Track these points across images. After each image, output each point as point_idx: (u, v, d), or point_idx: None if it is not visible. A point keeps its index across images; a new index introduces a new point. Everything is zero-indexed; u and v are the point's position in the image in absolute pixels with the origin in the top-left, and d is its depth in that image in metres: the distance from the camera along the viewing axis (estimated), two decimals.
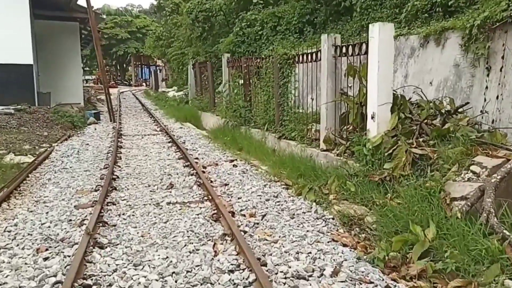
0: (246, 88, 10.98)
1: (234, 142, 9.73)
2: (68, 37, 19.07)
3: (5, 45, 13.42)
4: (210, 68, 15.32)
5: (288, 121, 8.69)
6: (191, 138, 11.37)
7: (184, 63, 28.84)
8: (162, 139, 11.18)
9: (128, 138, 11.54)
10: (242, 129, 10.61)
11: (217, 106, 14.98)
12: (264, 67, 9.75)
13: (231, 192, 5.95)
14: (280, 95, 8.94)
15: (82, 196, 5.92)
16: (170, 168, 7.62)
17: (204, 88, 17.21)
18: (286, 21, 18.60)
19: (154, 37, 38.20)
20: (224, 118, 11.51)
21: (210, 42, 24.65)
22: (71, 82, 18.88)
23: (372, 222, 4.40)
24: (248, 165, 7.79)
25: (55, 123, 12.91)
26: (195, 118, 15.34)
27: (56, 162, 8.29)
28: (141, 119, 16.80)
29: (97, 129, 13.44)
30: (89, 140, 10.82)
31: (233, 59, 12.23)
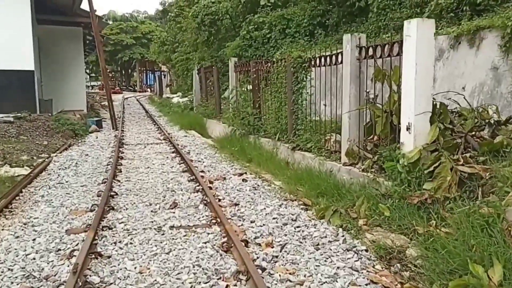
0: (255, 94, 10.28)
1: (242, 153, 9.02)
2: (72, 43, 18.51)
3: (5, 51, 12.85)
4: (216, 73, 14.65)
5: (302, 131, 7.97)
6: (196, 147, 10.68)
7: (189, 68, 28.24)
8: (166, 149, 10.49)
9: (130, 147, 10.87)
10: (250, 138, 9.91)
11: (223, 113, 14.30)
12: (276, 72, 9.05)
13: (242, 213, 5.22)
14: (294, 102, 8.23)
15: (76, 217, 5.22)
16: (174, 183, 6.91)
17: (209, 94, 16.54)
18: (295, 24, 17.94)
19: (159, 42, 37.66)
20: (231, 126, 10.81)
21: (216, 46, 24.02)
22: (74, 89, 18.30)
23: (416, 256, 3.67)
24: (259, 180, 7.07)
25: (56, 131, 12.27)
26: (200, 125, 14.67)
27: (52, 175, 7.61)
28: (145, 126, 16.14)
29: (99, 137, 12.78)
30: (89, 150, 10.14)
31: (241, 63, 11.56)
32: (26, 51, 13.37)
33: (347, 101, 6.03)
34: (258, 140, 9.50)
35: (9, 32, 12.95)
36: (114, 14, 63.40)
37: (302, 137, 7.82)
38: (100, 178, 7.21)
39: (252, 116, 9.98)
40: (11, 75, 13.13)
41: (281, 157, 8.15)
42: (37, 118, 12.49)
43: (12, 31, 13.02)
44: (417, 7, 11.24)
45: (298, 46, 17.05)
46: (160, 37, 37.65)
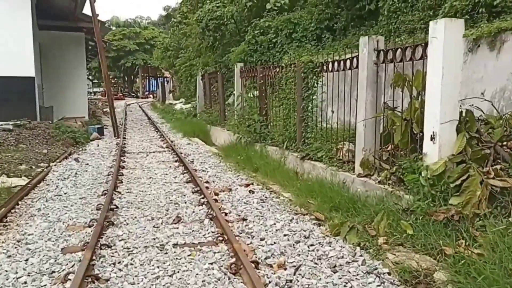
0: (262, 100, 9.95)
1: (248, 162, 8.68)
2: (74, 48, 18.28)
3: (5, 57, 12.59)
4: (220, 78, 14.34)
5: (312, 139, 7.62)
6: (200, 156, 10.34)
7: (192, 74, 27.97)
8: (169, 158, 10.15)
9: (132, 156, 10.54)
10: (257, 147, 9.57)
11: (227, 120, 13.97)
12: (284, 77, 8.71)
13: (251, 229, 4.86)
14: (303, 108, 7.88)
15: (73, 233, 4.88)
16: (177, 195, 6.56)
17: (213, 100, 16.23)
18: (302, 28, 17.61)
19: (162, 48, 37.48)
20: (236, 134, 10.46)
21: (220, 51, 23.75)
22: (75, 95, 18.06)
23: (445, 281, 3.30)
24: (267, 191, 6.72)
25: (56, 139, 11.96)
26: (203, 132, 14.34)
27: (50, 186, 7.27)
28: (147, 133, 15.83)
29: (100, 145, 12.45)
30: (89, 159, 9.81)
31: (247, 68, 11.24)
32: (27, 57, 13.10)
33: (362, 108, 5.68)
34: (265, 148, 9.15)
35: (9, 38, 12.69)
36: (117, 20, 63.33)
37: (312, 145, 7.47)
38: (100, 190, 6.87)
39: (259, 124, 9.64)
40: (11, 82, 12.84)
41: (290, 166, 7.80)
42: (37, 126, 12.18)
43: (13, 37, 12.77)
44: (430, 10, 10.91)
45: (305, 51, 16.75)
46: (163, 42, 37.47)
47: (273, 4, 20.23)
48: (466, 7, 8.23)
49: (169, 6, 36.42)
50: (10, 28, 12.75)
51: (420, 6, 11.47)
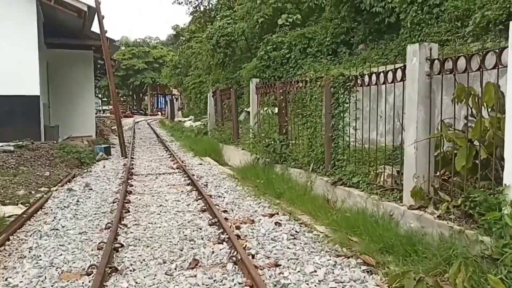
0: (282, 118, 9.08)
1: (269, 186, 7.77)
2: (82, 66, 17.68)
3: (9, 76, 11.96)
4: (233, 95, 13.55)
5: (344, 161, 6.71)
6: (214, 178, 9.45)
7: (202, 91, 27.32)
8: (180, 180, 9.28)
9: (140, 178, 9.68)
10: (277, 168, 8.68)
11: (241, 138, 13.12)
12: (308, 93, 7.86)
13: (287, 280, 3.91)
14: (333, 127, 7.00)
15: (66, 284, 3.97)
16: (192, 228, 5.66)
17: (225, 117, 15.42)
18: (317, 43, 16.88)
19: (171, 66, 37.03)
20: (254, 154, 9.56)
21: (231, 68, 23.07)
22: (83, 114, 17.37)
23: None
24: (296, 224, 5.80)
25: (60, 160, 11.15)
26: (215, 152, 13.48)
27: (48, 216, 6.41)
28: (156, 153, 15.00)
29: (106, 166, 11.63)
30: (94, 183, 8.96)
31: (265, 84, 10.41)
32: (32, 76, 12.40)
33: (412, 127, 4.77)
34: (287, 170, 8.26)
35: (14, 56, 12.08)
36: (126, 40, 63.48)
37: (345, 169, 6.56)
38: (104, 221, 5.99)
39: (279, 143, 8.76)
40: (15, 101, 12.16)
41: (319, 192, 6.88)
42: (40, 146, 11.39)
43: (17, 55, 12.14)
44: (457, 21, 10.10)
45: (320, 66, 15.96)
46: (172, 60, 37.03)
47: (285, 20, 19.61)
48: (500, 17, 7.39)
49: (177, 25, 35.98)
50: (15, 46, 12.14)
51: (446, 17, 10.69)
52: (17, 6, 12.26)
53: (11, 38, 12.13)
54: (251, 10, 21.18)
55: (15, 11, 12.21)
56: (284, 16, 19.72)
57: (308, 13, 20.78)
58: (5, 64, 11.92)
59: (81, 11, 12.22)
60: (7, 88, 11.94)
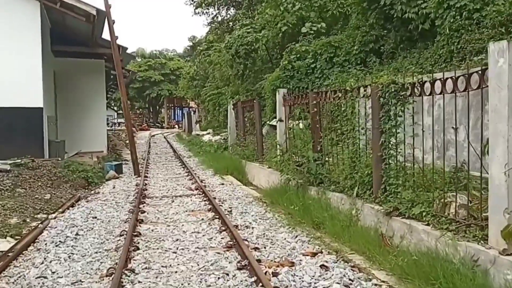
0: (316, 133, 7.86)
1: (306, 214, 6.54)
2: (93, 77, 16.75)
3: (11, 86, 10.95)
4: (257, 107, 12.39)
5: (400, 186, 5.46)
6: (238, 202, 8.24)
7: (221, 104, 26.29)
8: (199, 205, 8.09)
9: (153, 202, 8.54)
10: (312, 191, 7.44)
11: (265, 154, 11.92)
12: (350, 105, 6.64)
13: None
14: (383, 145, 5.76)
15: None
16: (217, 274, 4.45)
17: (248, 132, 14.25)
18: (344, 51, 15.71)
19: (188, 77, 36.20)
20: (285, 175, 8.31)
21: (251, 79, 21.99)
22: (93, 128, 16.37)
23: None
24: (348, 267, 4.55)
25: (64, 180, 10.09)
26: (238, 169, 12.28)
27: (39, 254, 5.26)
28: (172, 170, 13.87)
29: (117, 187, 10.53)
30: (99, 209, 7.82)
31: (295, 95, 9.23)
32: (35, 85, 11.37)
33: (502, 147, 3.57)
34: (325, 194, 7.01)
35: (16, 65, 11.06)
36: (143, 52, 63.12)
37: (401, 196, 5.31)
38: (106, 264, 4.82)
39: (314, 162, 7.52)
40: (15, 113, 11.08)
41: (367, 224, 5.62)
42: (42, 165, 10.32)
43: (20, 64, 11.12)
44: (501, 26, 8.97)
45: (349, 76, 14.76)
46: (189, 72, 36.22)
47: (309, 28, 18.52)
48: None
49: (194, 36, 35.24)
50: (16, 54, 11.12)
51: (488, 23, 9.53)
52: (19, 10, 11.28)
53: (12, 45, 11.12)
54: (274, 18, 20.15)
55: (16, 16, 11.22)
56: (308, 24, 18.63)
57: (332, 21, 19.68)
58: (5, 73, 10.91)
59: (90, 15, 11.25)
60: (6, 99, 10.90)
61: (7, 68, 10.96)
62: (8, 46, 11.09)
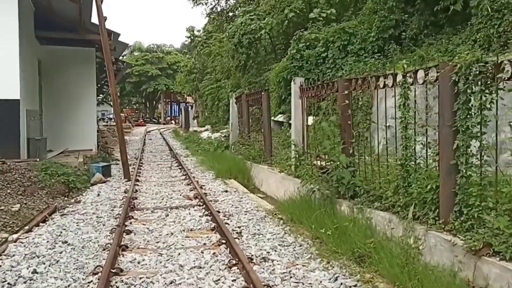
0: (347, 131, 6.24)
1: (341, 240, 4.93)
2: (82, 67, 15.04)
3: None
4: (265, 100, 10.73)
5: (487, 209, 3.86)
6: (248, 218, 6.60)
7: (220, 98, 24.67)
8: (200, 222, 6.44)
9: (143, 216, 6.91)
10: (342, 206, 5.84)
11: (275, 156, 10.31)
12: (403, 94, 5.00)
13: None
14: (458, 149, 4.14)
15: None
16: None
17: (254, 129, 12.62)
18: (360, 39, 14.11)
19: (186, 71, 34.49)
20: (307, 184, 6.65)
21: (254, 71, 20.34)
22: (82, 124, 14.71)
23: None
24: None
25: (40, 186, 8.45)
26: (242, 172, 10.64)
27: None
28: (167, 172, 12.21)
29: (102, 194, 8.89)
30: (74, 228, 6.17)
31: (316, 85, 7.57)
32: (10, 75, 9.77)
33: None
34: (362, 212, 5.40)
35: None
36: (139, 45, 61.33)
37: (491, 224, 3.71)
38: None
39: (347, 169, 5.90)
40: None
41: (437, 260, 4.02)
42: (14, 167, 8.69)
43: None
44: None
45: (367, 66, 13.15)
46: (186, 65, 34.50)
47: (318, 14, 16.88)
48: None
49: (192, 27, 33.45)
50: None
51: None
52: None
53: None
54: (279, 4, 18.49)
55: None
56: (317, 10, 16.99)
57: (342, 7, 18.07)
58: None
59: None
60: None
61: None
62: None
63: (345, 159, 5.89)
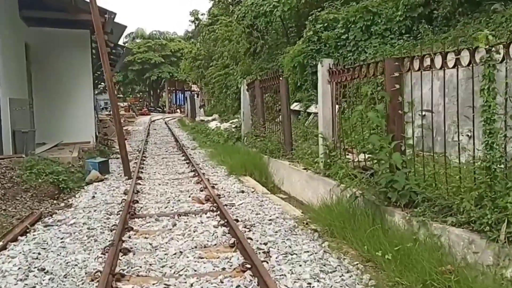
0: (397, 124, 4.98)
1: (404, 266, 3.70)
2: (76, 51, 13.69)
3: None
4: (284, 86, 9.44)
5: None
6: (275, 230, 5.34)
7: (228, 85, 23.33)
8: (215, 235, 5.21)
9: (145, 227, 5.71)
10: (395, 217, 4.60)
11: (296, 149, 9.07)
12: (489, 73, 3.72)
13: None
14: None
15: None
16: None
17: (269, 118, 11.35)
18: (385, 19, 12.73)
19: (190, 58, 33.06)
20: (350, 187, 5.35)
21: (265, 56, 19.00)
22: (78, 114, 13.44)
23: None
24: None
25: (24, 187, 7.28)
26: (259, 168, 9.40)
27: None
28: (173, 168, 10.99)
29: (97, 195, 7.69)
30: (57, 246, 4.93)
31: (352, 66, 6.28)
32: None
33: None
34: (425, 227, 4.16)
35: None
36: (142, 32, 59.85)
37: None
38: None
39: (402, 171, 4.63)
40: None
41: None
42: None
43: None
44: None
45: (394, 49, 11.81)
46: (191, 51, 33.08)
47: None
48: None
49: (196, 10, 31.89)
50: None
51: None
52: None
53: None
54: None
55: None
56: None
57: None
58: None
59: None
60: None
61: None
62: None
63: (399, 158, 4.62)
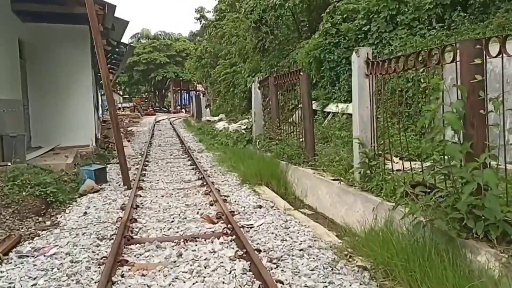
0: (477, 128, 3.74)
1: None
2: (74, 48, 12.59)
3: None
4: (305, 82, 8.20)
5: None
6: (310, 268, 4.09)
7: (236, 84, 22.15)
8: (234, 274, 3.98)
9: (143, 259, 4.50)
10: (482, 256, 3.36)
11: (319, 155, 7.87)
12: None
13: None
14: None
15: None
16: None
17: (285, 119, 10.13)
18: (413, 7, 11.46)
19: (195, 57, 31.91)
20: (416, 214, 4.07)
21: (276, 52, 17.78)
22: (77, 115, 12.37)
23: None
24: None
25: (4, 202, 6.12)
26: (276, 177, 8.17)
27: None
28: (179, 174, 9.78)
29: (90, 211, 6.50)
30: None
31: (404, 54, 5.05)
32: None
33: None
34: None
35: None
36: (147, 32, 58.96)
37: None
38: None
39: (494, 195, 3.40)
40: None
41: None
42: None
43: None
44: None
45: (425, 40, 10.55)
46: (197, 49, 31.91)
47: None
48: None
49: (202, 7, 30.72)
50: None
51: None
52: None
53: None
54: None
55: None
56: None
57: None
58: None
59: None
60: None
61: None
62: None
63: (493, 177, 3.38)
